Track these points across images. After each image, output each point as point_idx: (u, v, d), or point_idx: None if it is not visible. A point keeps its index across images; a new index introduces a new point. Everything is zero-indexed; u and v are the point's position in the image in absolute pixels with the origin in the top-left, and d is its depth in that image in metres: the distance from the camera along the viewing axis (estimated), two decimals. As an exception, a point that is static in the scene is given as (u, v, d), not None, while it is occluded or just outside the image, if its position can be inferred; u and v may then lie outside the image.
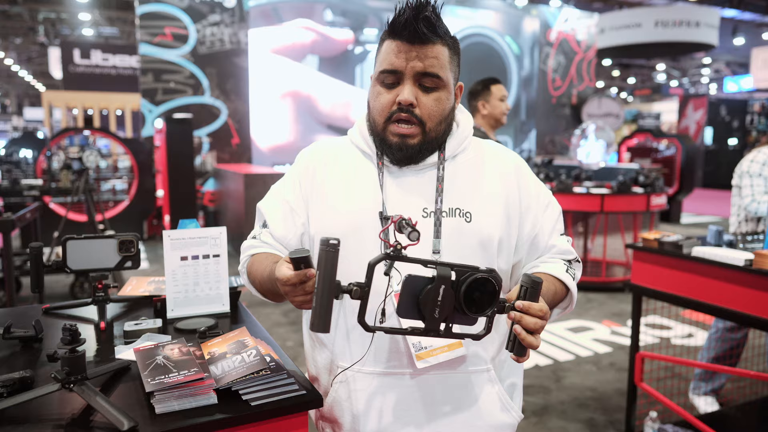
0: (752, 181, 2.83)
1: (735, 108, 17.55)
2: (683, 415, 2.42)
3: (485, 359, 1.11)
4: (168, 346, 1.07)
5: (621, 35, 12.71)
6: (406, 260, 0.85)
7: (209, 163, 8.47)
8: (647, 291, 2.48)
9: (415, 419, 1.08)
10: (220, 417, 0.91)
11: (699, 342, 4.08)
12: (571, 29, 11.74)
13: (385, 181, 1.11)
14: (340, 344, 1.12)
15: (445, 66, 1.07)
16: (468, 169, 1.13)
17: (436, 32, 1.04)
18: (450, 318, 0.89)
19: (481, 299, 0.88)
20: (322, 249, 0.81)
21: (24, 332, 1.23)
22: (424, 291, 0.86)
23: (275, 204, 1.19)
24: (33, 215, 4.17)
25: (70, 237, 1.39)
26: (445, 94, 1.08)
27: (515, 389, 1.19)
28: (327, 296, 0.81)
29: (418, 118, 1.06)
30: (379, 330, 0.90)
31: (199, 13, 8.30)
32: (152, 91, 8.11)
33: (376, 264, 0.84)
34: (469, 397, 1.10)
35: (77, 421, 0.91)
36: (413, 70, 1.05)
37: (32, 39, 16.64)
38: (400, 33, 1.04)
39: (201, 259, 1.44)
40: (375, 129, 1.12)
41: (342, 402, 1.11)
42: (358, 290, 0.84)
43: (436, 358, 1.06)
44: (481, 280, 0.87)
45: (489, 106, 2.96)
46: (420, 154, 1.10)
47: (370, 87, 1.12)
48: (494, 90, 2.97)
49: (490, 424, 1.11)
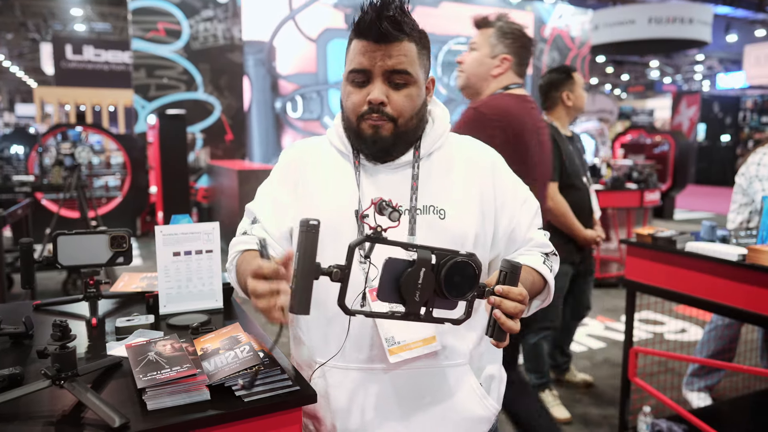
0: (763, 185, 2.77)
1: (728, 105, 17.62)
2: (676, 409, 2.43)
3: (461, 353, 1.12)
4: (160, 342, 1.06)
5: (615, 32, 12.73)
6: (386, 242, 0.85)
7: (203, 159, 8.43)
8: (641, 286, 2.48)
9: (392, 414, 1.09)
10: (212, 413, 0.90)
11: (692, 337, 4.10)
12: (565, 25, 11.74)
13: (361, 179, 1.13)
14: (317, 340, 1.13)
15: (413, 62, 1.08)
16: (443, 167, 1.15)
17: (403, 30, 1.05)
18: (430, 302, 0.89)
19: (461, 283, 0.88)
20: (301, 230, 0.80)
21: (14, 329, 1.22)
22: (404, 274, 0.86)
23: (264, 201, 1.20)
24: (24, 212, 4.14)
25: (61, 232, 1.37)
26: (416, 90, 1.10)
27: (493, 380, 1.18)
28: (306, 277, 0.80)
29: (389, 115, 1.08)
30: (360, 313, 0.89)
31: (192, 9, 8.25)
32: (145, 87, 8.06)
33: (357, 246, 0.84)
34: (443, 391, 1.11)
35: (68, 418, 0.90)
36: (381, 69, 1.06)
37: (24, 35, 16.50)
38: (366, 33, 1.05)
39: (194, 254, 1.43)
40: (350, 126, 1.13)
41: (320, 398, 1.11)
42: (338, 272, 0.84)
43: (410, 353, 1.06)
44: (462, 263, 0.87)
45: (573, 97, 2.79)
46: (394, 147, 1.11)
47: (342, 85, 1.14)
48: (576, 78, 2.82)
49: (465, 417, 1.12)
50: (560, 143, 2.76)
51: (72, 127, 7.96)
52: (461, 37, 10.54)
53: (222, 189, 7.32)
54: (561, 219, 2.72)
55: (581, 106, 2.84)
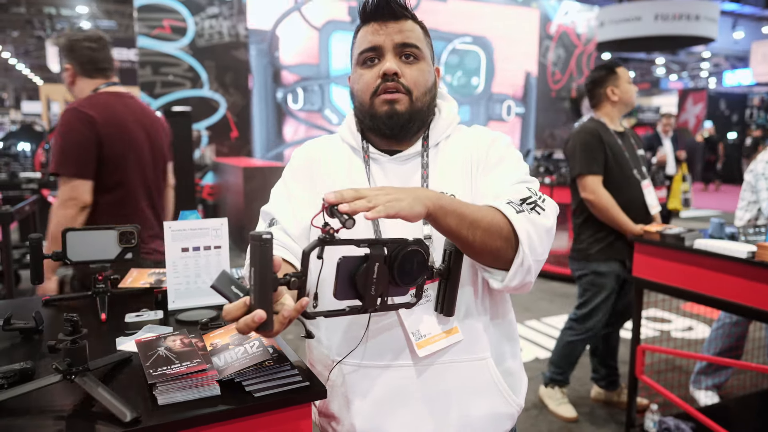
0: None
1: (734, 102, 17.53)
2: (684, 407, 2.42)
3: (483, 347, 1.10)
4: (170, 337, 1.06)
5: (621, 28, 12.69)
6: (339, 243, 0.85)
7: (208, 156, 8.45)
8: (649, 284, 2.47)
9: (413, 412, 1.07)
10: (223, 408, 0.90)
11: (699, 335, 4.08)
12: (571, 22, 11.70)
13: (371, 172, 1.13)
14: (337, 339, 1.11)
15: (421, 39, 1.11)
16: (451, 155, 1.15)
17: (407, 9, 1.09)
18: (385, 292, 0.90)
19: (413, 270, 0.91)
20: (254, 244, 0.78)
21: (24, 324, 1.22)
22: (359, 270, 0.87)
23: (280, 202, 1.18)
24: (31, 208, 4.15)
25: (70, 228, 1.38)
26: (427, 67, 1.12)
27: (513, 377, 1.16)
28: (264, 291, 0.79)
29: (404, 86, 1.09)
30: (319, 315, 0.90)
31: (197, 6, 8.25)
32: (150, 84, 8.08)
33: (311, 251, 0.84)
34: (466, 387, 1.09)
35: (79, 412, 0.90)
36: (393, 42, 1.08)
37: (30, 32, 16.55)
38: (374, 15, 1.09)
39: (202, 250, 1.43)
40: (363, 108, 1.13)
41: (340, 397, 1.11)
42: (296, 280, 0.84)
43: (436, 345, 1.06)
44: (412, 252, 0.89)
45: (619, 91, 2.77)
46: (409, 125, 1.11)
47: (351, 76, 1.15)
48: (621, 73, 2.79)
49: (490, 413, 1.10)
50: (605, 138, 2.74)
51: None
52: (468, 36, 10.51)
53: (227, 186, 7.33)
54: (605, 213, 2.67)
55: (629, 99, 2.80)
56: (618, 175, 2.73)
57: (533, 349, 3.85)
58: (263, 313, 0.78)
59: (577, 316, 2.84)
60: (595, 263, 2.75)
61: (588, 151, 2.72)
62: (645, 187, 2.78)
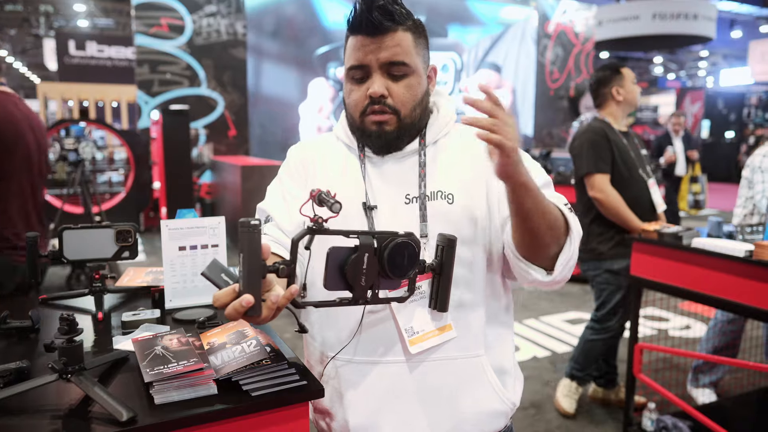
0: (764, 177, 2.79)
1: (732, 101, 17.55)
2: (681, 406, 2.42)
3: (477, 345, 1.10)
4: (167, 336, 1.05)
5: (619, 27, 12.68)
6: (328, 233, 0.86)
7: (206, 155, 8.43)
8: (647, 282, 2.47)
9: (406, 408, 1.08)
10: (220, 407, 0.90)
11: (696, 334, 4.09)
12: (569, 21, 11.70)
13: (367, 171, 1.13)
14: (329, 335, 1.12)
15: (410, 52, 1.07)
16: (449, 153, 1.14)
17: (394, 20, 1.04)
18: (376, 284, 0.91)
19: (403, 263, 0.91)
20: (243, 231, 0.79)
21: (20, 323, 1.22)
22: (348, 261, 0.88)
23: (276, 199, 1.19)
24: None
25: (67, 227, 1.37)
26: (416, 80, 1.10)
27: (507, 375, 1.16)
28: (253, 277, 0.80)
29: (391, 107, 1.08)
30: (309, 305, 0.91)
31: (195, 4, 8.23)
32: (148, 83, 8.06)
33: (299, 240, 0.84)
34: (460, 385, 1.09)
35: (75, 412, 0.90)
36: (378, 62, 1.06)
37: (27, 30, 16.50)
38: (358, 27, 1.06)
39: (199, 249, 1.43)
40: (354, 124, 1.14)
41: (333, 393, 1.11)
42: (284, 268, 0.84)
43: (429, 342, 1.06)
44: (402, 244, 0.90)
45: (624, 91, 2.80)
46: (399, 140, 1.11)
47: (344, 86, 1.14)
48: (625, 73, 2.82)
49: (483, 411, 1.11)
50: (611, 137, 2.75)
51: (75, 122, 7.96)
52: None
53: (225, 185, 7.32)
54: (613, 211, 2.68)
55: (633, 100, 2.83)
56: (624, 174, 2.74)
57: (532, 348, 3.85)
58: (251, 298, 0.78)
59: (597, 317, 2.85)
60: (608, 262, 2.76)
61: (595, 149, 2.73)
62: (651, 186, 2.79)
